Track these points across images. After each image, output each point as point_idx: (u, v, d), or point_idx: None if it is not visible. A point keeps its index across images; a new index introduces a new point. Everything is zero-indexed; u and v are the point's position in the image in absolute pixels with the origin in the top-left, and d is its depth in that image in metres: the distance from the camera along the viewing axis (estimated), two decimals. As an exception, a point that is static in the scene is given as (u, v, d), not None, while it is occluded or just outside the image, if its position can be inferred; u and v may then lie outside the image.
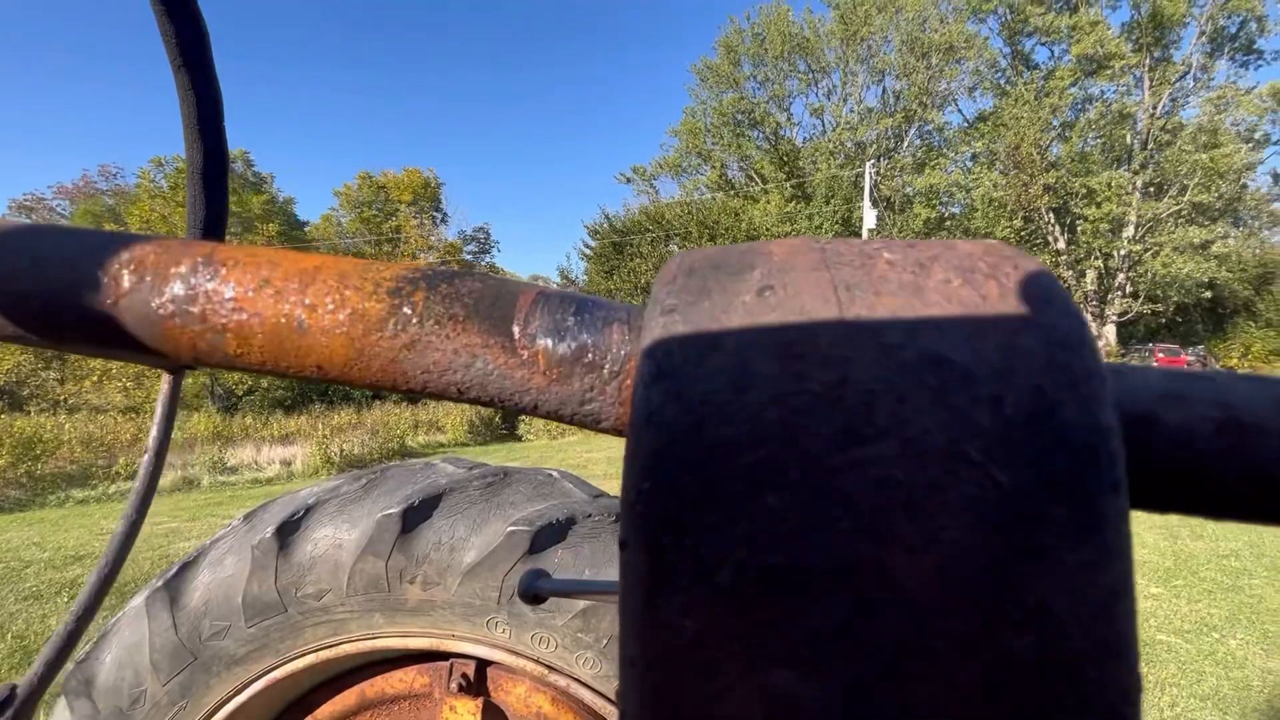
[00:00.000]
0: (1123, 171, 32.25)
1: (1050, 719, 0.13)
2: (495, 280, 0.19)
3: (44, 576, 5.37)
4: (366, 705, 1.18)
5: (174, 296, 0.19)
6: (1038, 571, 0.13)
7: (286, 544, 1.04)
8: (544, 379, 0.19)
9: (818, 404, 0.14)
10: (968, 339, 0.15)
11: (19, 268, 0.18)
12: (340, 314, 0.19)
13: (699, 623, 0.13)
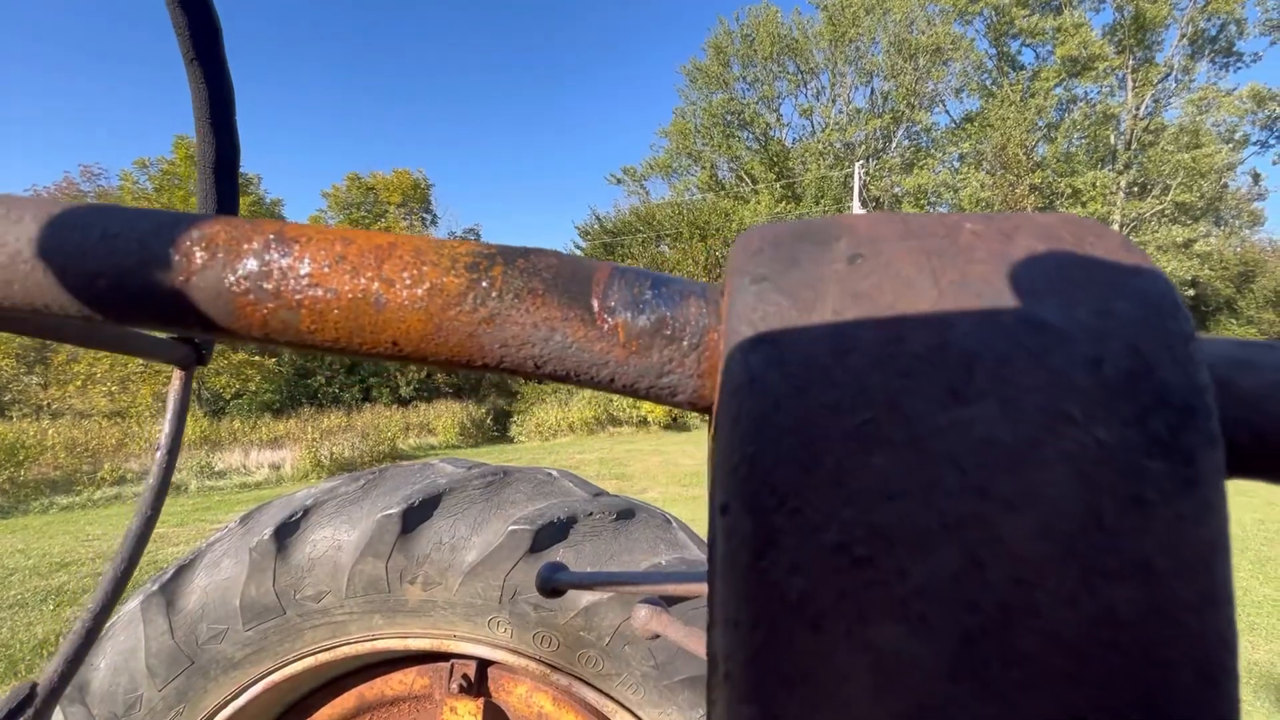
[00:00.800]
0: (1107, 171, 32.64)
1: (1153, 669, 0.13)
2: (571, 257, 0.20)
3: (29, 584, 5.28)
4: (366, 707, 1.17)
5: (248, 273, 0.19)
6: (1138, 525, 0.13)
7: (284, 546, 1.03)
8: (623, 351, 0.19)
9: (919, 366, 0.15)
10: (1064, 302, 0.15)
11: (88, 245, 0.19)
12: (419, 289, 0.19)
13: (806, 581, 0.14)
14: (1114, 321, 0.15)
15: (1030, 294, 0.15)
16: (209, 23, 0.35)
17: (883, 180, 34.82)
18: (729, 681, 0.14)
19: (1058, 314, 0.15)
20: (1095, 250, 0.16)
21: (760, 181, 34.65)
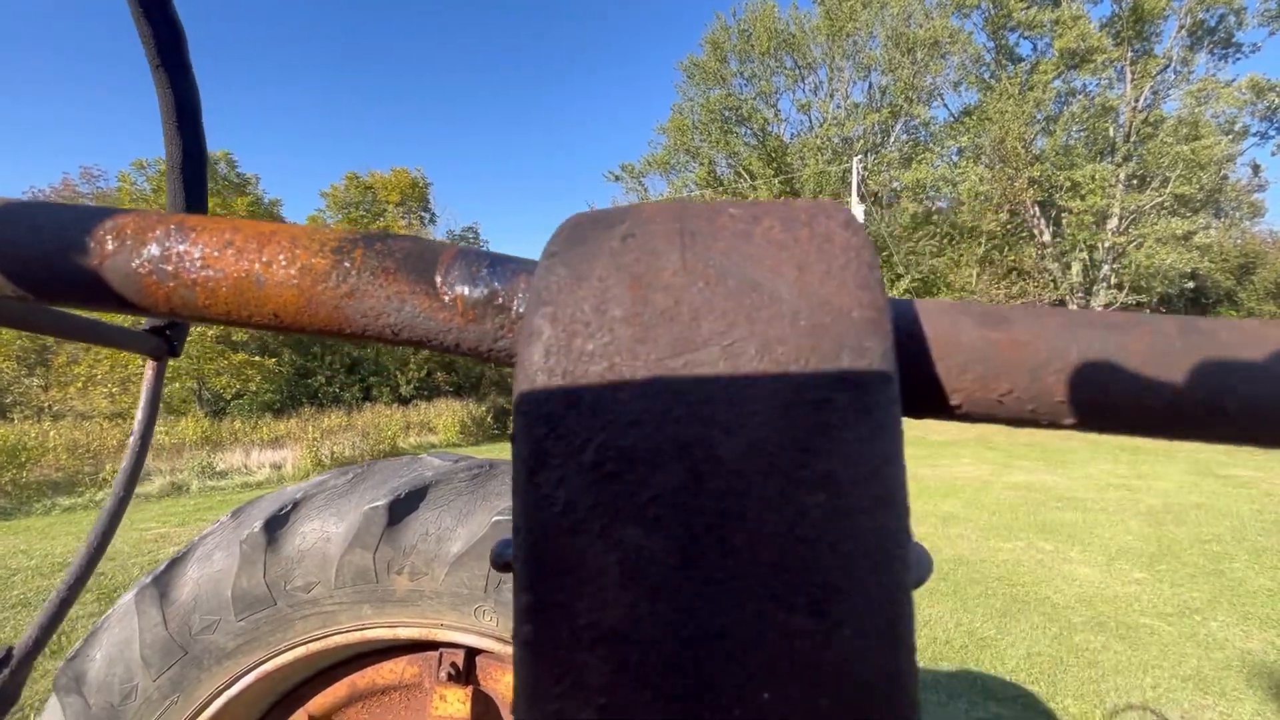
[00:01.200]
0: (1106, 164, 32.58)
1: (837, 558, 0.16)
2: (423, 240, 0.23)
3: (31, 584, 5.32)
4: (358, 696, 1.20)
5: (150, 257, 0.21)
6: (825, 446, 0.16)
7: (274, 538, 1.05)
8: (463, 320, 0.22)
9: (658, 320, 0.18)
10: (775, 268, 0.18)
11: (19, 236, 0.21)
12: (291, 269, 0.21)
13: (568, 493, 0.17)
14: (813, 283, 0.18)
15: (753, 263, 0.18)
16: (173, 30, 0.37)
17: (881, 175, 34.77)
18: (514, 575, 0.18)
19: (770, 278, 0.18)
20: (820, 227, 0.19)
21: (759, 177, 34.62)
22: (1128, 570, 5.12)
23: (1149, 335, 0.19)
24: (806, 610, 0.16)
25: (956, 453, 11.96)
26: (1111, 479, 9.22)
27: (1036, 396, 0.20)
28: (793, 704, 0.15)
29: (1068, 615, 4.21)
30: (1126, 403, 0.19)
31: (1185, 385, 0.19)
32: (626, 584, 0.16)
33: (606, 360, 0.18)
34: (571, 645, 0.16)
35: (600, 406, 0.17)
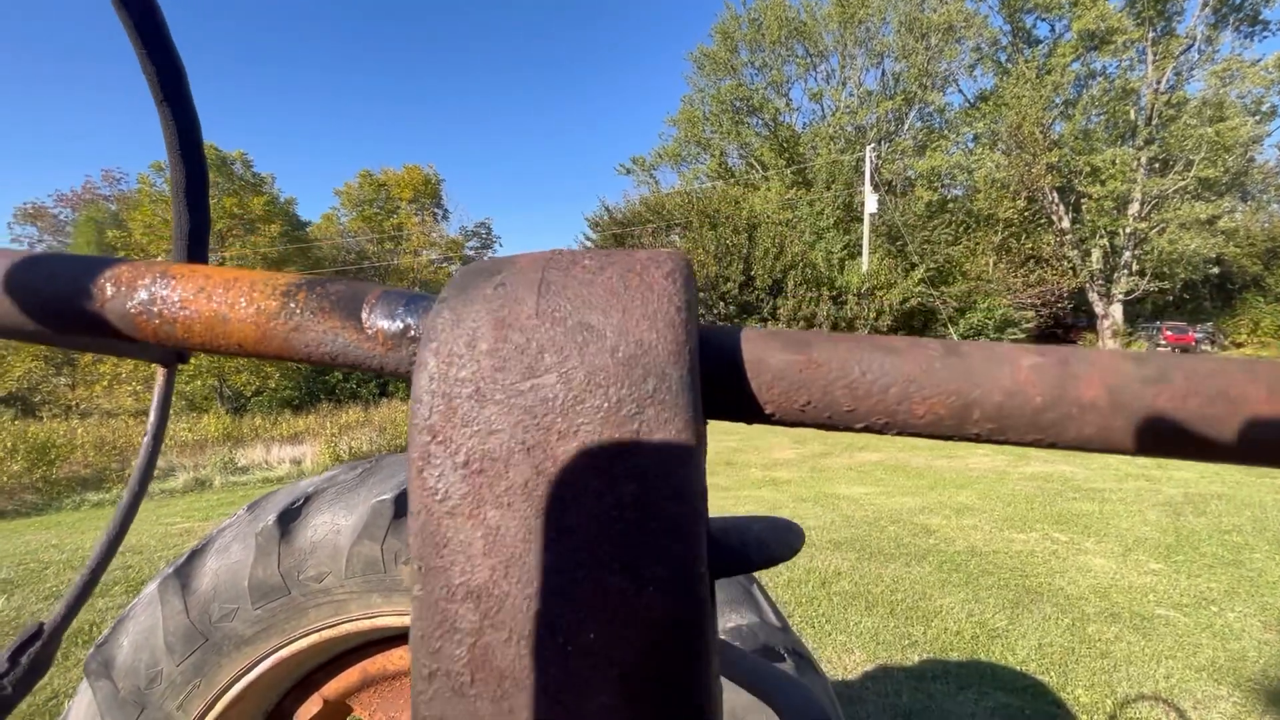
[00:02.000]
0: (1127, 148, 31.91)
1: (644, 534, 0.21)
2: (355, 283, 0.28)
3: (63, 577, 5.49)
4: (369, 682, 1.25)
5: (140, 300, 0.27)
6: (635, 448, 0.21)
7: (288, 530, 1.10)
8: (383, 349, 0.26)
9: (513, 353, 0.23)
10: (605, 311, 0.23)
11: (39, 282, 0.27)
12: (250, 309, 0.26)
13: (445, 485, 0.22)
14: (631, 320, 0.23)
15: (589, 307, 0.23)
16: (175, 68, 0.41)
17: (895, 163, 34.36)
18: (410, 547, 0.22)
19: (599, 319, 0.23)
20: (649, 275, 0.24)
21: (770, 168, 34.37)
22: (1144, 561, 5.07)
23: (918, 355, 0.24)
24: (621, 572, 0.21)
25: (972, 445, 11.86)
26: (1131, 469, 9.10)
27: (829, 406, 0.25)
28: (612, 639, 0.20)
29: (1081, 606, 4.19)
30: (898, 410, 0.24)
31: (942, 395, 0.23)
32: (488, 553, 0.21)
33: (474, 384, 0.23)
34: (448, 599, 0.21)
35: (469, 419, 0.22)
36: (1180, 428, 0.22)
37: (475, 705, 0.21)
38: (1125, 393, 0.22)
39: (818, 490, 8.20)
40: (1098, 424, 0.23)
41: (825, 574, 4.90)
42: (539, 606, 0.21)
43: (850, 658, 3.52)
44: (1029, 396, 0.23)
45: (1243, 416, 0.21)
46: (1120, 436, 0.23)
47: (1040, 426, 0.23)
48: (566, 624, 0.21)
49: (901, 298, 23.51)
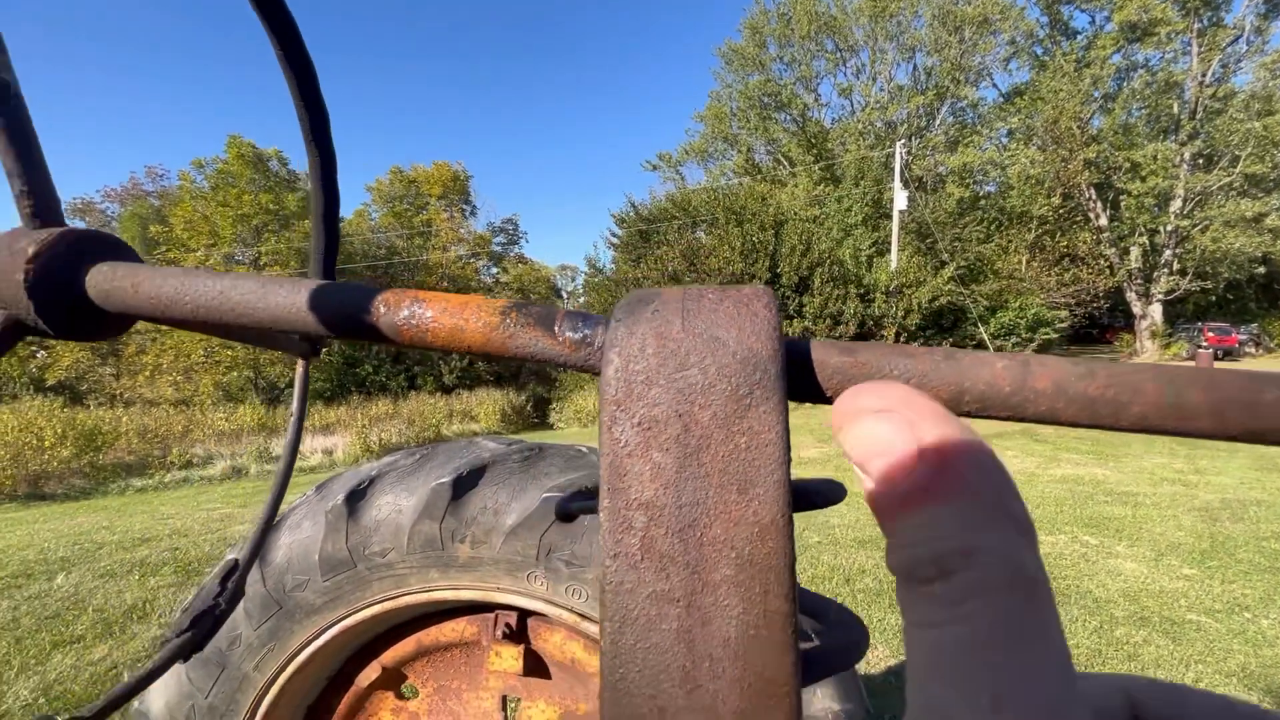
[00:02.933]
0: (1169, 143, 30.87)
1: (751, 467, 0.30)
2: (548, 306, 0.38)
3: (115, 556, 5.78)
4: (424, 651, 1.35)
5: (403, 317, 0.38)
6: (747, 413, 0.31)
7: (355, 509, 1.21)
8: (569, 350, 0.36)
9: (669, 355, 0.32)
10: (727, 329, 0.32)
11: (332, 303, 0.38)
12: (478, 323, 0.38)
13: (625, 437, 0.31)
14: (745, 337, 0.32)
15: (717, 326, 0.32)
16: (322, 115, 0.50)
17: (926, 159, 33.77)
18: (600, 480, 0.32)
19: (724, 334, 0.32)
20: (752, 305, 0.33)
21: (798, 164, 34.05)
22: (1177, 566, 4.99)
23: (927, 358, 0.33)
24: (737, 490, 0.30)
25: (1001, 445, 11.69)
26: (1166, 473, 8.89)
27: None
28: (729, 533, 0.29)
29: (1110, 609, 4.16)
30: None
31: (944, 385, 0.33)
32: (653, 479, 0.31)
33: (644, 375, 0.32)
34: (626, 508, 0.31)
35: (641, 396, 0.32)
36: (1098, 407, 0.31)
37: (642, 574, 0.30)
38: (1065, 383, 0.32)
39: (842, 489, 8.18)
40: (1048, 404, 0.32)
41: (850, 571, 4.92)
42: (684, 512, 0.30)
43: (874, 653, 3.56)
44: (1001, 386, 0.32)
45: (1138, 399, 0.31)
46: (1062, 413, 0.32)
47: (1009, 406, 0.32)
48: (701, 523, 0.30)
49: (930, 296, 23.13)
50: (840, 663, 0.40)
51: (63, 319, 0.37)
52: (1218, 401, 0.31)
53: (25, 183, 0.35)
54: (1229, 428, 0.31)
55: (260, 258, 30.30)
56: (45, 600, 4.62)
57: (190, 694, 1.25)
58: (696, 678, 0.30)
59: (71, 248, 0.37)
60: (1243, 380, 0.31)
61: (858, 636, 0.43)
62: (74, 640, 3.88)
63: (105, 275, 0.38)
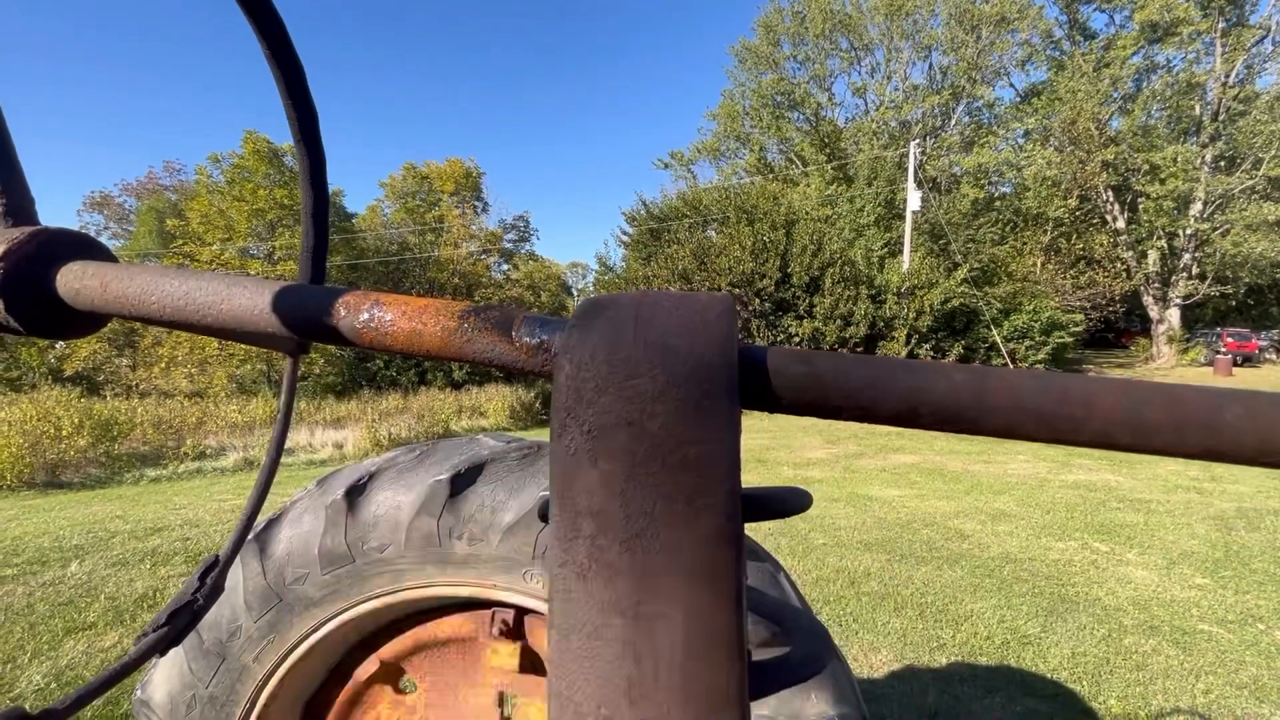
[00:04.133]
0: (1190, 145, 30.38)
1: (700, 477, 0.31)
2: (508, 308, 0.39)
3: (128, 546, 5.86)
4: (422, 646, 1.36)
5: (363, 319, 0.39)
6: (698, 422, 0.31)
7: (354, 504, 1.21)
8: (526, 356, 0.37)
9: (619, 363, 0.32)
10: (679, 336, 0.33)
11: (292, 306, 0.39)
12: (436, 327, 0.38)
13: (575, 445, 0.32)
14: (697, 344, 0.32)
15: (669, 333, 0.33)
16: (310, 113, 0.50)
17: (940, 159, 33.45)
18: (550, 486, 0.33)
19: (676, 342, 0.32)
20: (708, 313, 0.34)
21: (811, 164, 33.85)
22: (1189, 575, 4.92)
23: (885, 368, 0.33)
24: (685, 501, 0.31)
25: (1012, 449, 11.58)
26: (1181, 481, 8.78)
27: (824, 401, 0.35)
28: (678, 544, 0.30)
29: (1119, 617, 4.11)
30: (870, 406, 0.34)
31: (900, 397, 0.33)
32: (602, 487, 0.31)
33: (594, 382, 0.32)
34: (575, 515, 0.31)
35: (591, 403, 0.32)
36: (1056, 422, 0.31)
37: (590, 584, 0.30)
38: (1023, 397, 0.32)
39: (849, 491, 8.14)
40: (1005, 419, 0.32)
41: (854, 574, 4.90)
42: (632, 522, 0.30)
43: (877, 656, 3.54)
44: (959, 399, 0.32)
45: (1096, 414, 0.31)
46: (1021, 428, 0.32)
47: (967, 420, 0.32)
48: (649, 533, 0.30)
49: (943, 298, 22.91)
50: (798, 675, 0.39)
51: (33, 316, 0.38)
52: (1178, 419, 0.30)
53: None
54: (1188, 446, 0.30)
55: (274, 251, 30.58)
56: (59, 587, 4.69)
57: (191, 684, 1.27)
58: (642, 688, 0.30)
59: (43, 247, 0.38)
60: (1204, 397, 0.30)
61: (820, 649, 0.42)
62: (86, 627, 3.94)
63: (75, 274, 0.38)
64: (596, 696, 0.30)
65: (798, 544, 5.68)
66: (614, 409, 0.31)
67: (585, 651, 0.30)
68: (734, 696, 0.30)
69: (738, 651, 0.30)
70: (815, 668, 0.40)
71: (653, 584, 0.30)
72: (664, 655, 0.30)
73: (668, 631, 0.30)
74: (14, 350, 32.96)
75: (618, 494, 0.31)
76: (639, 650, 0.30)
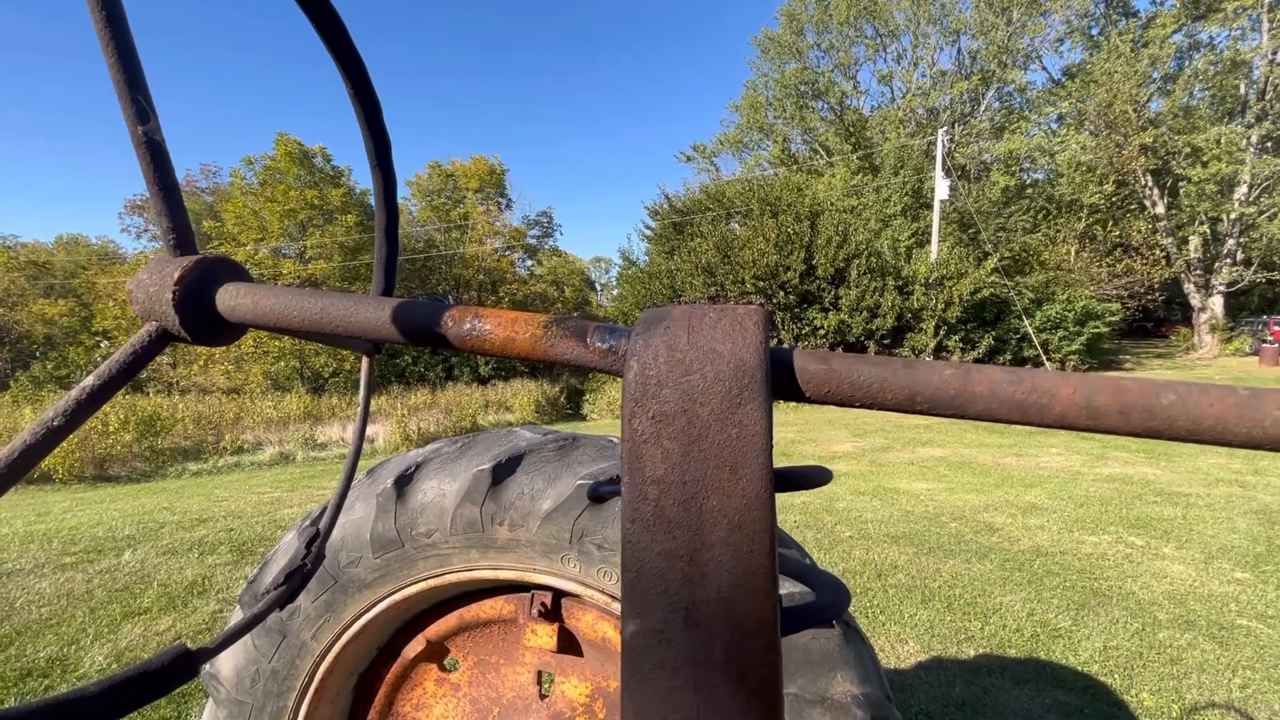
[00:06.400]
0: (1235, 126, 29.19)
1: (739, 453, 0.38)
2: (582, 319, 0.47)
3: (176, 535, 6.12)
4: (465, 627, 1.44)
5: (465, 329, 0.47)
6: (737, 409, 0.38)
7: (403, 493, 1.29)
8: (598, 357, 0.44)
9: (676, 363, 0.39)
10: (723, 342, 0.39)
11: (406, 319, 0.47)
12: (526, 334, 0.46)
13: (643, 427, 0.39)
14: (736, 349, 0.39)
15: (714, 339, 0.40)
16: (385, 143, 0.57)
17: (969, 147, 32.71)
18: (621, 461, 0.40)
19: (720, 346, 0.39)
20: (745, 320, 0.41)
21: (835, 154, 33.39)
22: (1228, 570, 4.81)
23: (889, 366, 0.40)
24: (729, 471, 0.38)
25: (1045, 442, 11.36)
26: (1222, 474, 8.52)
27: (840, 393, 0.42)
28: (723, 505, 0.37)
29: (1153, 611, 4.05)
30: (877, 397, 0.41)
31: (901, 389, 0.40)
32: (663, 461, 0.38)
33: (657, 378, 0.39)
34: (643, 484, 0.38)
35: (654, 395, 0.39)
36: (1025, 408, 0.38)
37: (654, 535, 0.38)
38: (998, 388, 0.38)
39: (877, 484, 8.10)
40: (984, 405, 0.38)
41: (882, 567, 4.90)
42: (688, 487, 0.38)
43: (904, 648, 3.56)
44: (947, 390, 0.39)
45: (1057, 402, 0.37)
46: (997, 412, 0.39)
47: (954, 406, 0.39)
48: (701, 496, 0.38)
49: (972, 288, 22.46)
50: (823, 616, 0.49)
51: (198, 329, 0.47)
52: (1124, 405, 0.36)
53: (170, 220, 0.43)
54: (1133, 426, 0.36)
55: (305, 250, 31.30)
56: (115, 574, 4.94)
57: (255, 659, 1.37)
58: (696, 617, 0.38)
59: (206, 272, 0.47)
60: (1144, 386, 0.36)
61: (840, 597, 0.49)
62: (141, 611, 4.16)
63: (231, 294, 0.48)
64: (662, 621, 0.38)
65: (824, 537, 5.69)
66: (673, 399, 0.38)
67: (654, 587, 0.38)
68: (767, 623, 0.37)
69: (771, 588, 0.37)
70: (835, 611, 0.49)
71: (705, 536, 0.37)
72: (712, 590, 0.38)
73: (715, 572, 0.37)
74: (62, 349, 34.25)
75: (677, 465, 0.38)
76: (694, 587, 0.38)
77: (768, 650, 0.37)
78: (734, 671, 0.38)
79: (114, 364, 0.43)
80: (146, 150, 0.43)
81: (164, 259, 0.47)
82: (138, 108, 0.42)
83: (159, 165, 0.44)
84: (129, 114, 0.42)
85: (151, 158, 0.43)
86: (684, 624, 0.38)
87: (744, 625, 0.37)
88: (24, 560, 5.35)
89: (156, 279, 0.45)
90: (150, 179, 0.44)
